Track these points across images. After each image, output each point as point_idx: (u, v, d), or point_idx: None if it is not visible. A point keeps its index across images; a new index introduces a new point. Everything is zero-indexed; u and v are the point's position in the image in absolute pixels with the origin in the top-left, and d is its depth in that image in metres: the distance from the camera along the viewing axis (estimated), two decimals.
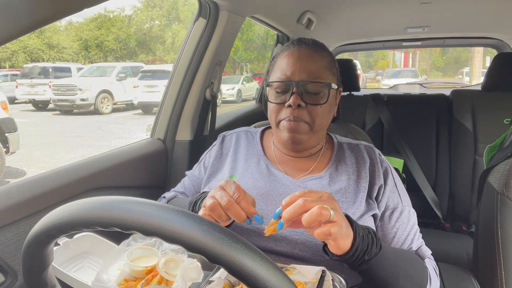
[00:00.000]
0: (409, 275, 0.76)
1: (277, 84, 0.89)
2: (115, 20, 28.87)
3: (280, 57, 0.92)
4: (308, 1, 1.91)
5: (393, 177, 0.93)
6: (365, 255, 0.67)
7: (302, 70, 0.87)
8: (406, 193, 0.93)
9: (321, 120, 0.89)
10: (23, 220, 0.92)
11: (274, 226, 0.64)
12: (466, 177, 2.04)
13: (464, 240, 1.88)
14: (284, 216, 0.62)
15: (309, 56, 0.89)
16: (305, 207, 0.61)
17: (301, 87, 0.86)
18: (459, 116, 2.07)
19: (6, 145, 4.44)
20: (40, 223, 0.46)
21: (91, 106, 11.48)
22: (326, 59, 0.91)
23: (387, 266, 0.72)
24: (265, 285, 0.38)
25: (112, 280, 0.73)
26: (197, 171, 1.08)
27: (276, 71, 0.91)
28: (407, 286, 0.75)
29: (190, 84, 1.54)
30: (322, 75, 0.88)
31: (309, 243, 0.82)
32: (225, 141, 1.07)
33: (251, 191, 0.90)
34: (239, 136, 1.07)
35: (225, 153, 1.04)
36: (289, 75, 0.88)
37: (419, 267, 0.81)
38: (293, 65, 0.88)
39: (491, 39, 2.79)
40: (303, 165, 0.95)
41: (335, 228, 0.61)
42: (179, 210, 0.42)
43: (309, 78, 0.87)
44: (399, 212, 0.88)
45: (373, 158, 0.94)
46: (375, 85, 20.10)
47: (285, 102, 0.87)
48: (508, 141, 1.26)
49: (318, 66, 0.88)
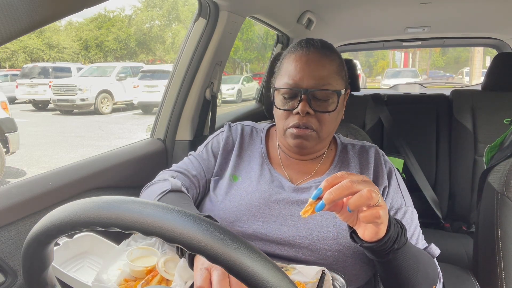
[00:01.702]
0: (426, 270, 0.76)
1: (284, 90, 0.87)
2: (115, 20, 28.86)
3: (288, 60, 0.89)
4: (308, 1, 1.91)
5: (397, 177, 0.92)
6: (395, 244, 0.66)
7: (311, 76, 0.84)
8: (408, 194, 0.93)
9: (328, 127, 0.88)
10: (23, 220, 0.92)
11: (312, 207, 0.61)
12: (466, 177, 2.04)
13: (464, 240, 1.88)
14: (327, 197, 0.58)
15: (318, 61, 0.85)
16: (351, 189, 0.58)
17: (310, 94, 0.84)
18: (459, 116, 2.07)
19: (6, 145, 4.44)
20: (40, 223, 0.46)
21: (91, 106, 11.47)
22: (335, 63, 0.88)
23: (410, 258, 0.71)
24: (265, 285, 0.38)
25: (112, 280, 0.73)
26: (204, 153, 1.02)
27: (283, 75, 0.89)
28: (423, 281, 0.74)
29: (190, 84, 1.54)
30: (331, 81, 0.85)
31: (313, 247, 0.81)
32: (231, 130, 1.04)
33: (253, 195, 0.89)
34: (245, 130, 1.04)
35: (231, 145, 1.01)
36: (297, 81, 0.85)
37: (432, 264, 0.80)
38: (302, 71, 0.85)
39: (491, 39, 2.79)
40: (307, 168, 0.94)
41: (383, 210, 0.60)
42: (179, 210, 0.42)
43: (318, 85, 0.84)
44: (402, 213, 0.87)
45: (378, 159, 0.93)
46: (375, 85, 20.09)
47: (293, 108, 0.85)
48: (508, 141, 1.26)
49: (328, 71, 0.85)
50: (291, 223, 0.84)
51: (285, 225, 0.84)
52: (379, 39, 2.93)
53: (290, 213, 0.86)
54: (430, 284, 0.76)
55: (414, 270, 0.73)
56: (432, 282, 0.76)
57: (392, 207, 0.88)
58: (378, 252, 0.67)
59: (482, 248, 1.11)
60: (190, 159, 1.03)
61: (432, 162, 2.13)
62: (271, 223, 0.85)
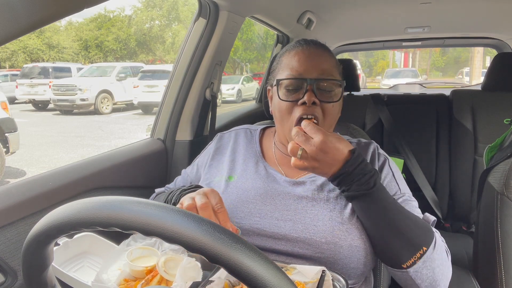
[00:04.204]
0: (409, 227, 0.76)
1: (288, 82, 0.88)
2: (115, 20, 28.88)
3: (287, 56, 0.91)
4: (308, 1, 1.91)
5: (390, 167, 0.93)
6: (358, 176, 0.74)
7: (315, 68, 0.87)
8: (404, 183, 0.93)
9: (331, 118, 0.89)
10: (23, 220, 0.92)
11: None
12: (466, 177, 2.04)
13: (464, 240, 1.88)
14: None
15: (320, 55, 0.89)
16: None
17: (315, 85, 0.86)
18: (459, 116, 2.07)
19: (6, 145, 4.44)
20: (40, 223, 0.46)
21: (91, 106, 11.48)
22: (334, 59, 0.92)
23: (384, 203, 0.76)
24: (265, 285, 0.38)
25: (112, 280, 0.73)
26: (189, 169, 1.08)
27: (284, 69, 0.90)
28: (406, 234, 0.75)
29: (190, 84, 1.54)
30: (333, 73, 0.89)
31: (309, 240, 0.82)
32: (222, 139, 1.07)
33: (249, 192, 0.90)
34: (238, 134, 1.07)
35: (222, 152, 1.04)
36: (302, 72, 0.87)
37: (423, 227, 0.78)
38: (305, 63, 0.88)
39: (491, 39, 2.79)
40: None
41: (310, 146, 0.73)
42: (179, 210, 0.42)
43: (323, 75, 0.87)
44: (398, 197, 0.88)
45: (373, 154, 0.94)
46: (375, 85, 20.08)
47: (297, 100, 0.86)
48: (508, 141, 1.26)
49: (330, 64, 0.89)
50: (287, 217, 0.85)
51: (281, 219, 0.85)
52: (379, 39, 2.93)
53: (286, 208, 0.86)
54: (418, 243, 0.75)
55: (392, 219, 0.75)
56: (421, 243, 0.75)
57: None
58: (346, 183, 0.75)
59: (482, 248, 1.11)
60: (177, 179, 1.09)
61: (432, 162, 2.13)
62: (268, 218, 0.86)
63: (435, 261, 0.76)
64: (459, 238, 1.91)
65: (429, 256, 0.75)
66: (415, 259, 0.75)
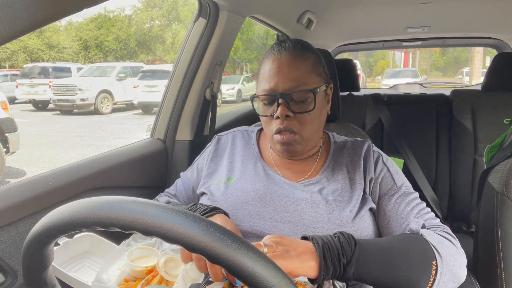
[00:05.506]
0: (408, 260, 0.70)
1: (263, 97, 0.89)
2: (115, 20, 28.87)
3: (263, 66, 0.91)
4: (308, 1, 1.91)
5: (384, 162, 0.93)
6: (340, 258, 0.64)
7: (286, 79, 0.85)
8: (403, 177, 0.93)
9: (311, 127, 0.89)
10: (23, 220, 0.92)
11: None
12: (466, 177, 2.04)
13: (464, 240, 1.88)
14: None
15: (291, 64, 0.86)
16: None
17: (287, 97, 0.85)
18: (459, 116, 2.07)
19: (6, 145, 4.44)
20: (40, 223, 0.46)
21: (91, 106, 11.47)
22: (309, 62, 0.88)
23: (376, 259, 0.68)
24: (265, 285, 0.39)
25: (112, 280, 0.73)
26: (189, 173, 1.08)
27: (261, 82, 0.90)
28: (409, 271, 0.69)
29: (190, 84, 1.54)
30: (307, 80, 0.86)
31: None
32: (220, 141, 1.07)
33: (249, 194, 0.90)
34: (235, 136, 1.07)
35: (220, 154, 1.04)
36: (273, 86, 0.86)
37: (418, 246, 0.74)
38: (276, 75, 0.86)
39: (491, 39, 2.79)
40: (301, 167, 0.95)
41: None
42: (179, 210, 0.42)
43: (293, 87, 0.85)
44: (394, 192, 0.89)
45: (367, 152, 0.94)
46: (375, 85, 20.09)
47: (273, 114, 0.87)
48: (508, 141, 1.26)
49: (301, 72, 0.86)
50: (286, 219, 0.85)
51: (280, 221, 0.85)
52: (379, 39, 2.93)
53: (285, 209, 0.86)
54: (426, 263, 0.71)
55: (390, 267, 0.68)
56: (428, 261, 0.71)
57: (382, 194, 0.89)
58: (337, 277, 0.65)
59: (482, 248, 1.11)
60: (177, 183, 1.09)
61: (432, 162, 2.13)
62: (267, 220, 0.86)
63: (448, 264, 0.74)
64: (459, 238, 1.90)
65: (441, 264, 0.72)
66: (433, 278, 0.71)
